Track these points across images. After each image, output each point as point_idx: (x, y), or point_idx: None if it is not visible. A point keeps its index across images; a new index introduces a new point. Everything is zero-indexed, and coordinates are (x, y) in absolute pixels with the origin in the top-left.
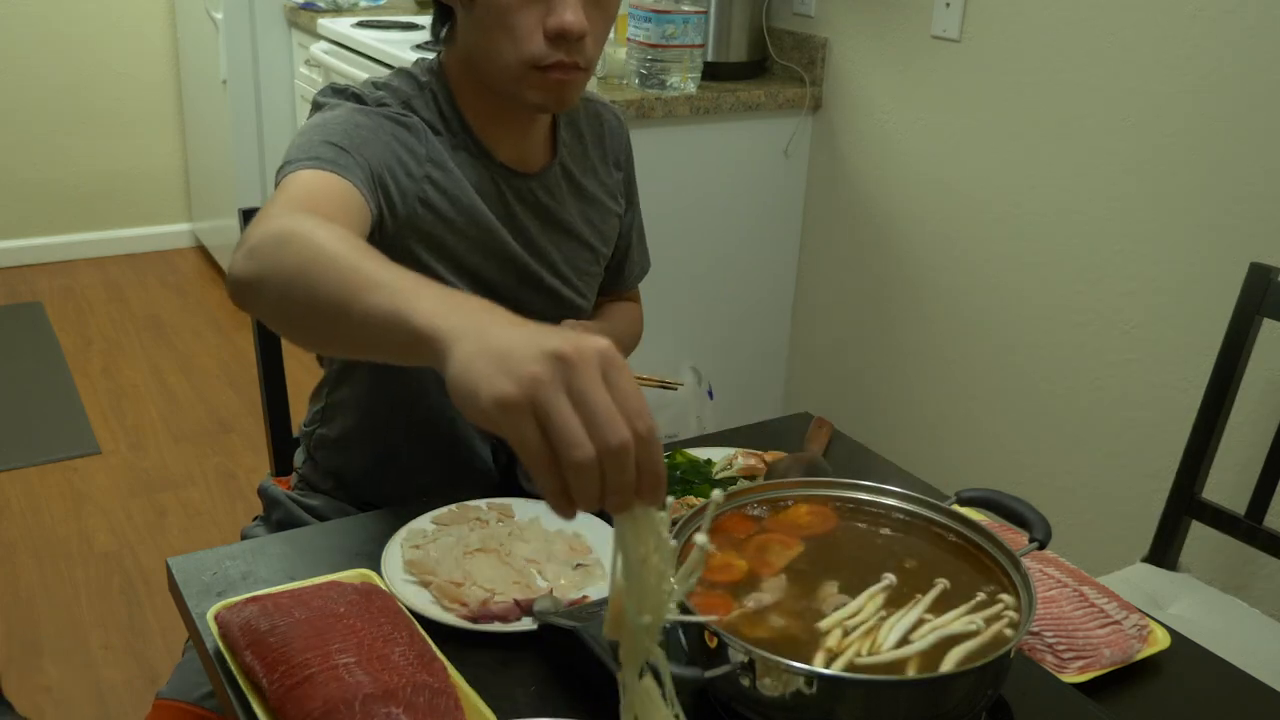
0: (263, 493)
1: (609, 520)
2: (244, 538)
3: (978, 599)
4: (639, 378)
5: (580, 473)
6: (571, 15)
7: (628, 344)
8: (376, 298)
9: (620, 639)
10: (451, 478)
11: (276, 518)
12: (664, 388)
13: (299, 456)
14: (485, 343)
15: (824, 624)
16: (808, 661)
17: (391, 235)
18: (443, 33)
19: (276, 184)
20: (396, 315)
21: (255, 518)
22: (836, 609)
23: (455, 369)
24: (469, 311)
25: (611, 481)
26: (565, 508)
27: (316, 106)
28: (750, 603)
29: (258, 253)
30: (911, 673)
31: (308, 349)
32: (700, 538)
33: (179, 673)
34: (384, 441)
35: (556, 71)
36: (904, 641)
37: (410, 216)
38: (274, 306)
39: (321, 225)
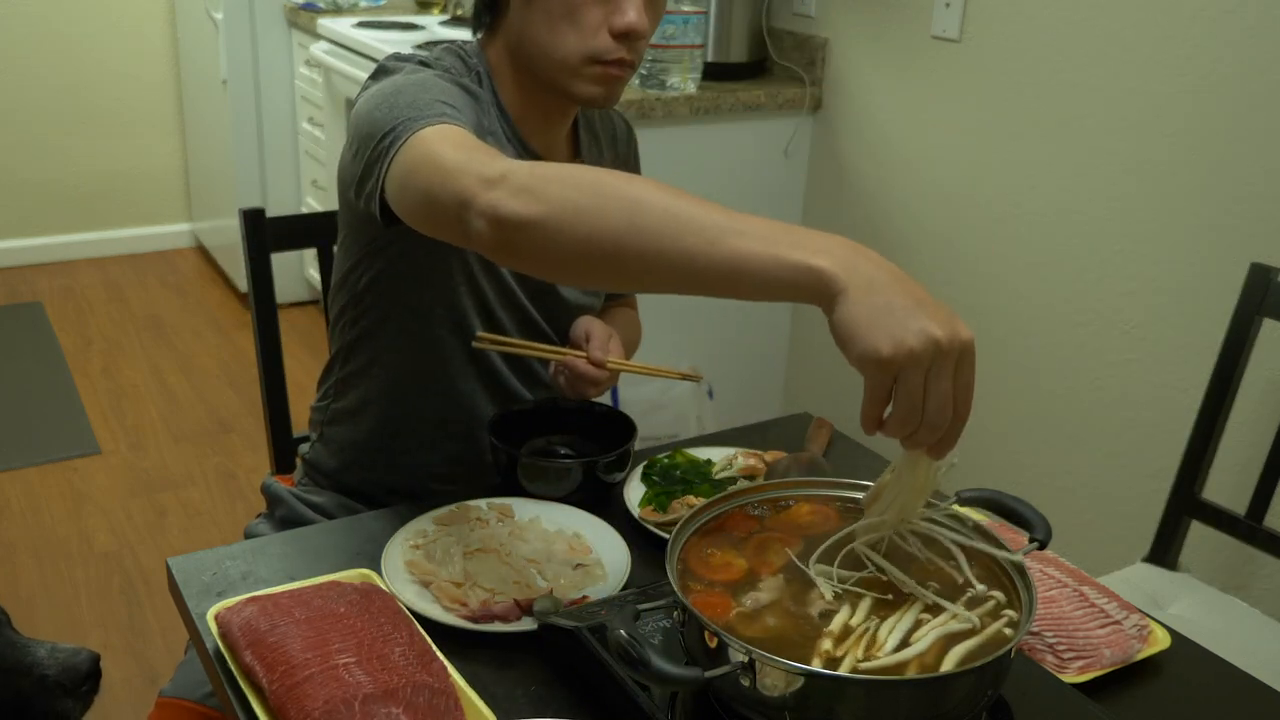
0: (266, 490)
1: None
2: (247, 535)
3: (971, 594)
4: (660, 371)
5: (902, 428)
6: (636, 15)
7: (630, 349)
8: (747, 244)
9: (871, 512)
10: (461, 452)
11: (280, 514)
12: (686, 379)
13: (305, 446)
14: (873, 297)
15: (821, 624)
16: (804, 661)
17: None
18: (488, 20)
19: (392, 145)
20: (778, 259)
21: (258, 515)
22: (830, 610)
23: (842, 315)
24: (852, 255)
25: (918, 437)
26: (871, 428)
27: (385, 71)
28: (748, 602)
29: (540, 194)
30: (912, 673)
31: (591, 284)
32: None
33: (182, 671)
34: (402, 405)
35: (614, 67)
36: (904, 643)
37: None
38: (566, 248)
39: (604, 171)
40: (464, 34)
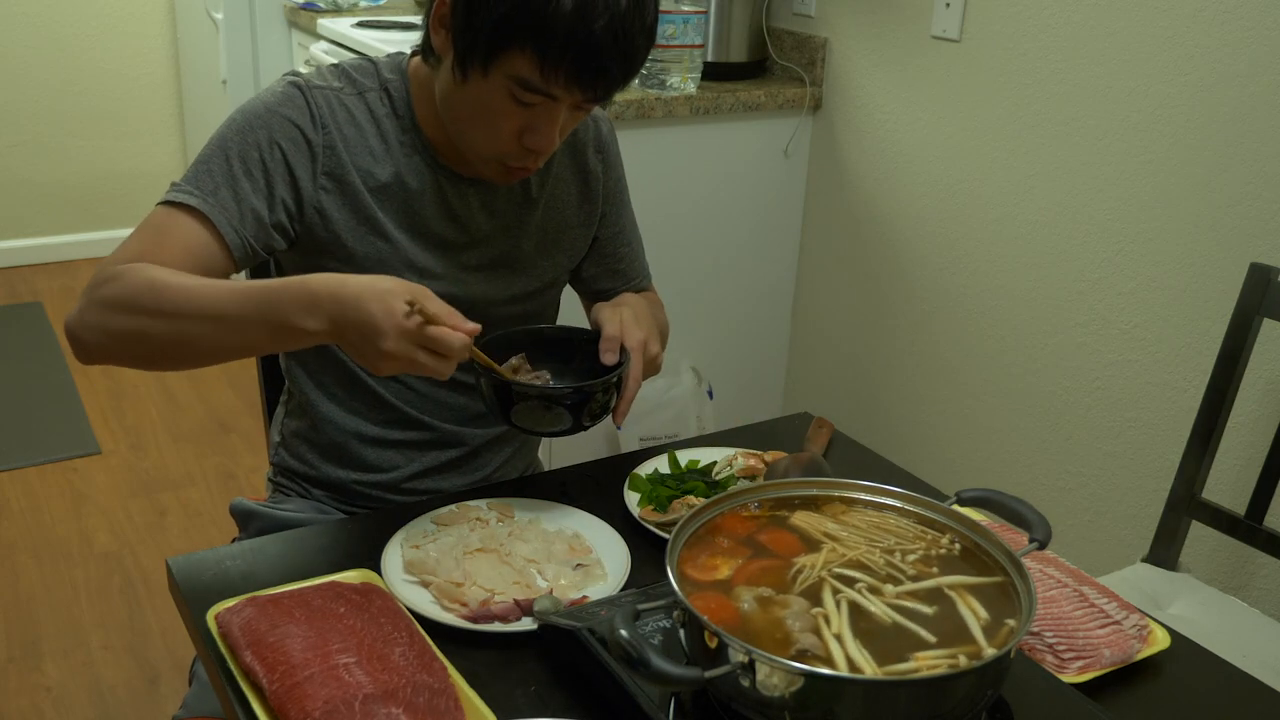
0: (235, 510)
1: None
2: None
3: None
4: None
5: None
6: (549, 143)
7: (663, 333)
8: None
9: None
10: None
11: (256, 527)
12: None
13: (276, 434)
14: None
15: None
16: (802, 648)
17: (302, 248)
18: (431, 60)
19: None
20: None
21: (233, 539)
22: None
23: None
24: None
25: None
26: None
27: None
28: (745, 603)
29: (101, 327)
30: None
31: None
32: None
33: (194, 695)
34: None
35: (517, 170)
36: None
37: (308, 228)
38: (135, 359)
39: (153, 283)
40: None
